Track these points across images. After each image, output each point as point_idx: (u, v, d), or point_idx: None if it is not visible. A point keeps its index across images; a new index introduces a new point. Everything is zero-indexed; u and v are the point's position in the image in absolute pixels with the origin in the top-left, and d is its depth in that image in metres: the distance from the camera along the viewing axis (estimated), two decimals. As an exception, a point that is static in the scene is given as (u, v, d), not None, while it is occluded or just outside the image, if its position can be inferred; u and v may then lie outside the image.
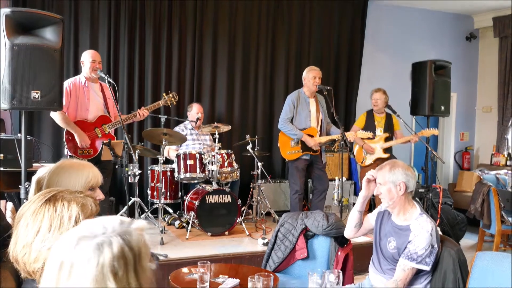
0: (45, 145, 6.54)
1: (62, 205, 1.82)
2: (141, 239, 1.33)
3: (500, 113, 9.81)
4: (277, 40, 8.32)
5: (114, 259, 1.24)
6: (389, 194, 3.28)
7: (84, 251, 1.24)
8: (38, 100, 4.27)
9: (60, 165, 2.45)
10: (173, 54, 7.54)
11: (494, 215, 6.51)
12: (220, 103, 7.94)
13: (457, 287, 3.13)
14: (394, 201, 3.29)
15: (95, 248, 1.24)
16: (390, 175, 3.27)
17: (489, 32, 10.06)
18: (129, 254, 1.27)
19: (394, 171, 3.27)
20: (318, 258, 4.09)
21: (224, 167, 6.40)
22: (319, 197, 6.76)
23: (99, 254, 1.23)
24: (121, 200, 6.79)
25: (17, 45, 4.17)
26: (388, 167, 3.31)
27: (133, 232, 1.31)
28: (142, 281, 1.29)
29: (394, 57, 9.46)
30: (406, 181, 3.26)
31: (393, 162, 3.37)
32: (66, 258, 1.25)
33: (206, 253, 5.38)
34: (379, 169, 3.37)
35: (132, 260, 1.27)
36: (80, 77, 5.87)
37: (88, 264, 1.23)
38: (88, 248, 1.24)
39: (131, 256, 1.27)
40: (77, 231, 1.30)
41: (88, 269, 1.23)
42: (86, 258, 1.23)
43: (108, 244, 1.25)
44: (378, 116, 7.23)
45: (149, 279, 1.32)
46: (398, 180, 3.26)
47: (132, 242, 1.29)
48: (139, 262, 1.29)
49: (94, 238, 1.26)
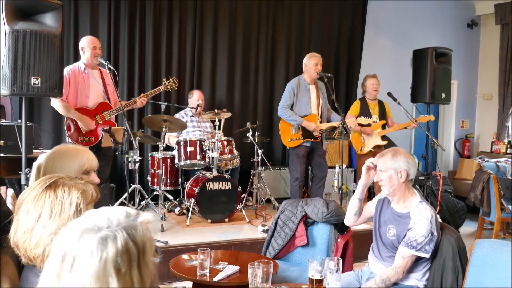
0: (46, 131, 6.54)
1: (63, 191, 1.82)
2: (146, 233, 1.30)
3: (501, 100, 9.79)
4: (278, 26, 8.28)
5: (118, 254, 1.21)
6: (390, 181, 3.28)
7: (87, 244, 1.22)
8: (38, 86, 4.26)
9: (55, 150, 2.46)
10: (174, 41, 7.51)
11: (493, 203, 6.52)
12: (221, 90, 7.93)
13: (456, 275, 3.14)
14: (395, 189, 3.29)
15: (98, 242, 1.21)
16: (392, 162, 3.27)
17: (491, 19, 10.02)
18: (133, 249, 1.24)
19: (396, 159, 3.27)
20: (318, 245, 4.10)
21: (224, 154, 6.40)
22: (318, 184, 6.77)
23: (103, 248, 1.21)
24: (122, 186, 6.79)
25: (17, 30, 4.16)
26: (390, 154, 3.30)
27: (138, 226, 1.28)
28: (145, 276, 1.27)
29: (395, 44, 9.43)
30: (408, 169, 3.26)
31: (395, 150, 3.36)
32: (69, 251, 1.23)
33: (206, 240, 5.39)
34: (381, 156, 3.36)
35: (136, 255, 1.25)
36: (79, 64, 5.83)
37: (91, 258, 1.20)
38: (92, 241, 1.22)
39: (135, 251, 1.25)
40: (81, 223, 1.27)
41: (91, 264, 1.20)
42: (89, 252, 1.21)
43: (112, 239, 1.22)
44: (371, 103, 7.23)
45: (152, 273, 1.29)
46: (400, 168, 3.26)
47: (137, 236, 1.26)
48: (142, 257, 1.27)
49: (98, 232, 1.23)
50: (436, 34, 9.63)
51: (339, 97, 8.06)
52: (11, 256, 2.04)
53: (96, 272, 1.19)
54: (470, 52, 10.33)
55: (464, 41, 10.16)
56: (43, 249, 1.75)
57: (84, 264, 1.20)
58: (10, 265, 2.05)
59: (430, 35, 9.48)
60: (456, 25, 10.13)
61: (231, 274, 3.31)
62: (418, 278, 3.30)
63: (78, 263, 1.21)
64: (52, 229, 1.75)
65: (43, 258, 1.75)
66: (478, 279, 2.99)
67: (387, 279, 3.21)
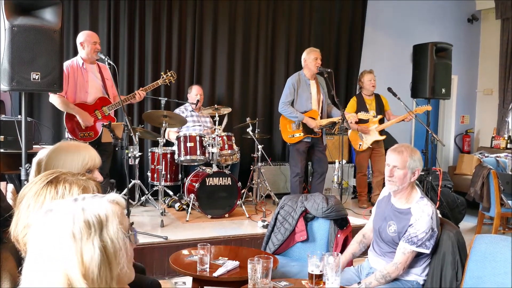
0: (46, 127, 6.54)
1: (64, 187, 1.82)
2: (111, 209, 1.34)
3: (501, 95, 9.79)
4: (278, 21, 8.27)
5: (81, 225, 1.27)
6: (403, 178, 3.27)
7: (54, 219, 1.28)
8: (38, 82, 4.26)
9: (57, 148, 2.46)
10: (173, 36, 7.50)
11: (493, 198, 6.51)
12: (220, 85, 7.92)
13: (456, 270, 3.15)
14: (404, 186, 3.30)
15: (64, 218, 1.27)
16: (411, 161, 3.27)
17: (491, 14, 10.00)
18: (94, 221, 1.29)
19: (414, 158, 3.28)
20: (317, 240, 4.10)
21: (224, 150, 6.40)
22: (318, 180, 6.77)
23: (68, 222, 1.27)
24: (122, 182, 6.79)
25: (17, 26, 4.15)
26: (408, 152, 3.29)
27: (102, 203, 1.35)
28: (108, 244, 1.30)
29: (395, 39, 9.41)
30: (421, 168, 3.30)
31: (411, 148, 3.35)
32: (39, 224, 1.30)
33: (206, 235, 5.40)
34: (395, 152, 3.32)
35: (98, 225, 1.29)
36: (77, 59, 5.81)
37: (58, 229, 1.26)
38: (58, 217, 1.28)
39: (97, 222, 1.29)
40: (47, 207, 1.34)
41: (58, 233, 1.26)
42: (57, 225, 1.26)
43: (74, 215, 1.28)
44: (368, 99, 7.25)
45: (118, 243, 1.32)
46: (416, 167, 3.28)
47: (99, 211, 1.31)
48: (105, 228, 1.30)
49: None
50: (436, 29, 9.62)
51: (339, 93, 8.07)
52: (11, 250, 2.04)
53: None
54: (471, 47, 10.31)
55: (464, 36, 10.14)
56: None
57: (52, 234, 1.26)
58: (10, 260, 2.05)
59: (430, 30, 9.47)
60: (456, 20, 10.12)
61: (231, 269, 3.31)
62: (418, 273, 3.30)
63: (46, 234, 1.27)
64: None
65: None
66: (477, 274, 3.00)
67: (387, 274, 3.21)
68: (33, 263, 1.26)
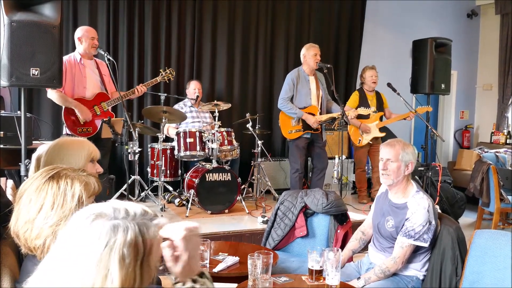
0: (45, 123, 6.53)
1: (66, 183, 1.82)
2: (157, 235, 1.28)
3: (501, 91, 9.79)
4: (277, 17, 8.26)
5: (126, 245, 1.18)
6: (397, 171, 3.30)
7: (98, 228, 1.19)
8: (37, 77, 4.25)
9: (59, 143, 2.46)
10: (173, 32, 7.49)
11: (493, 193, 6.53)
12: (220, 81, 7.91)
13: (456, 265, 3.15)
14: (398, 180, 3.31)
15: (110, 228, 1.19)
16: (404, 154, 3.30)
17: (491, 9, 10.00)
18: (141, 246, 1.21)
19: (407, 151, 3.31)
20: (317, 236, 4.11)
21: (224, 145, 6.40)
22: (318, 175, 6.77)
23: (112, 235, 1.18)
24: (121, 178, 6.79)
25: (16, 21, 4.14)
26: (401, 145, 3.34)
27: (151, 227, 1.26)
28: (145, 275, 1.23)
29: (394, 34, 9.41)
30: (414, 161, 3.32)
31: (402, 141, 3.40)
32: (80, 232, 1.20)
33: (206, 231, 5.39)
34: (388, 146, 3.37)
35: (142, 252, 1.22)
36: (75, 54, 5.78)
37: (97, 242, 1.17)
38: (103, 226, 1.19)
39: (142, 248, 1.22)
40: (99, 208, 1.25)
41: (96, 247, 1.17)
42: (97, 236, 1.18)
43: (123, 229, 1.20)
44: (369, 95, 7.25)
45: (151, 277, 1.27)
46: (409, 160, 3.30)
47: (147, 235, 1.24)
48: (148, 257, 1.23)
49: (112, 220, 1.21)
50: (436, 24, 9.62)
51: (338, 88, 8.07)
52: (11, 246, 2.04)
53: (99, 256, 1.16)
54: (470, 42, 10.31)
55: (464, 31, 10.14)
56: (43, 240, 1.75)
57: (90, 247, 1.17)
58: (10, 256, 2.06)
59: (430, 25, 9.47)
60: (456, 15, 10.11)
61: (231, 265, 3.32)
62: (418, 269, 3.31)
63: (84, 245, 1.18)
64: (53, 220, 1.75)
65: (44, 249, 1.76)
66: (477, 269, 3.00)
67: (386, 269, 3.22)
68: (59, 265, 1.18)
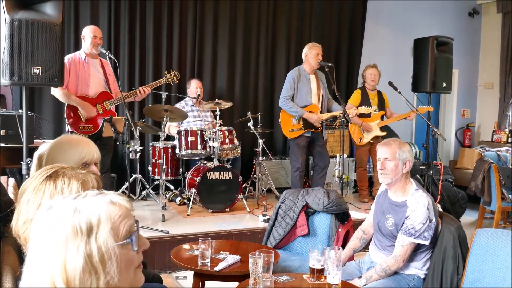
0: (46, 121, 6.54)
1: (63, 181, 1.82)
2: (107, 213, 1.22)
3: (502, 89, 9.78)
4: (278, 16, 8.26)
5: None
6: (395, 170, 3.31)
7: (50, 218, 1.19)
8: (39, 76, 4.25)
9: (59, 140, 2.46)
10: (174, 31, 7.49)
11: (494, 192, 6.52)
12: (221, 80, 7.91)
13: (457, 263, 3.15)
14: (397, 178, 3.32)
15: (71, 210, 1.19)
16: (401, 152, 3.32)
17: (492, 8, 9.98)
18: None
19: (403, 149, 3.32)
20: (318, 234, 4.11)
21: (225, 144, 6.41)
22: (319, 174, 6.77)
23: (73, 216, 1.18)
24: (123, 176, 6.79)
25: (17, 20, 4.14)
26: (397, 144, 3.36)
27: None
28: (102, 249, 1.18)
29: (396, 33, 9.40)
30: (412, 159, 3.33)
31: (398, 140, 3.43)
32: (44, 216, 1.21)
33: (207, 230, 5.40)
34: (385, 145, 3.39)
35: (86, 231, 1.17)
36: (80, 52, 5.83)
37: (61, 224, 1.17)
38: (53, 217, 1.19)
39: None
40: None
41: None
42: (50, 226, 1.18)
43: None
44: (371, 93, 7.25)
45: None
46: (406, 158, 3.31)
47: (91, 214, 1.20)
48: (94, 234, 1.18)
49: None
50: (437, 23, 9.60)
51: (339, 87, 8.07)
52: (13, 245, 2.04)
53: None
54: (471, 41, 10.30)
55: (465, 30, 10.13)
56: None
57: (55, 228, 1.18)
58: (12, 255, 2.06)
59: (431, 24, 9.46)
60: (457, 14, 10.10)
61: (232, 263, 3.32)
62: (419, 267, 3.31)
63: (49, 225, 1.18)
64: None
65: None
66: (478, 268, 3.00)
67: (387, 268, 3.22)
68: (29, 262, 1.20)
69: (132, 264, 1.26)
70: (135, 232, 1.26)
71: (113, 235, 1.20)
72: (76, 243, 1.15)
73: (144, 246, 1.31)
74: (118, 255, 1.20)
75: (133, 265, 1.27)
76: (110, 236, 1.19)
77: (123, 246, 1.22)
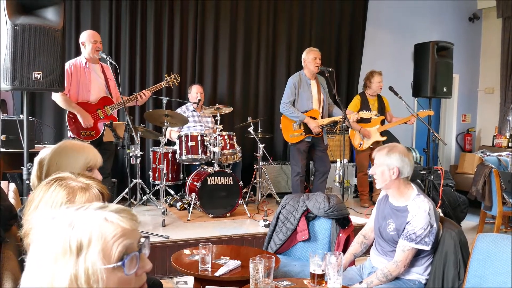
0: (47, 126, 6.54)
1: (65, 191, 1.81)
2: (100, 231, 1.15)
3: (503, 94, 9.79)
4: (279, 21, 8.27)
5: None
6: (382, 176, 3.30)
7: (48, 231, 1.14)
8: (39, 81, 4.26)
9: (61, 145, 2.47)
10: (175, 35, 7.50)
11: (495, 197, 6.52)
12: (222, 85, 7.91)
13: (458, 269, 3.15)
14: (387, 184, 3.31)
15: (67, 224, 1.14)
16: (386, 158, 3.29)
17: (492, 13, 10.00)
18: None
19: (391, 155, 3.28)
20: (319, 240, 4.10)
21: (226, 149, 6.41)
22: (320, 179, 6.77)
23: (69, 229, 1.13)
24: (123, 181, 6.79)
25: (19, 25, 4.16)
26: (386, 150, 3.33)
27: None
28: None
29: (396, 38, 9.41)
30: (401, 167, 3.26)
31: (393, 146, 3.38)
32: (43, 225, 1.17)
33: (208, 235, 5.40)
34: (378, 150, 3.39)
35: (76, 250, 1.12)
36: (80, 58, 5.84)
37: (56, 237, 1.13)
38: (50, 230, 1.14)
39: None
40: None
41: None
42: (47, 239, 1.14)
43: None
44: (371, 99, 7.25)
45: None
46: (393, 165, 3.26)
47: (83, 232, 1.14)
48: (83, 254, 1.12)
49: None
50: (437, 28, 9.62)
51: (340, 92, 8.09)
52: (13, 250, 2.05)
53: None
54: (472, 45, 10.31)
55: (465, 34, 10.14)
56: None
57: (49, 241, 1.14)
58: (12, 259, 2.06)
59: (431, 29, 9.47)
60: (457, 19, 10.12)
61: (233, 269, 3.31)
62: (420, 272, 3.30)
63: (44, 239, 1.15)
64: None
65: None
66: (480, 273, 3.00)
67: (388, 273, 3.21)
68: (25, 273, 1.16)
69: (130, 285, 1.18)
70: (132, 253, 1.17)
71: (103, 257, 1.12)
72: (64, 261, 1.11)
73: (144, 269, 1.22)
74: (105, 279, 1.12)
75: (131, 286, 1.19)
76: (98, 258, 1.12)
77: (114, 269, 1.14)
